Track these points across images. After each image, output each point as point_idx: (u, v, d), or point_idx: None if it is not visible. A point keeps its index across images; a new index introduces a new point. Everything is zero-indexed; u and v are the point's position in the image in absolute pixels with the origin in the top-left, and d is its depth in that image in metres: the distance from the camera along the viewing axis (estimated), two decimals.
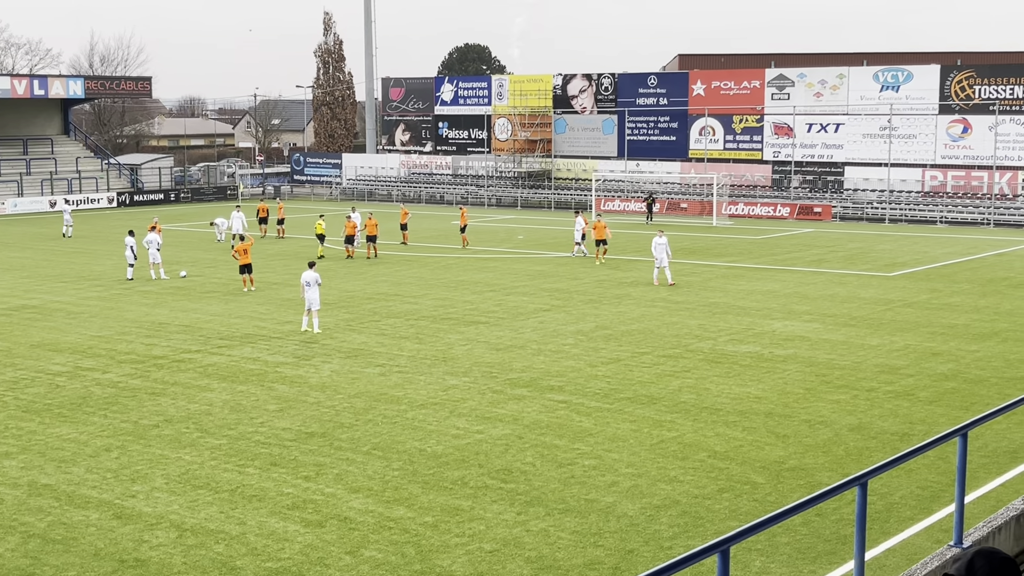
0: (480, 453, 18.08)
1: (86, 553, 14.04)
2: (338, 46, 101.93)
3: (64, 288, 37.51)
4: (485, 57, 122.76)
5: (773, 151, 68.74)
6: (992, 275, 38.90)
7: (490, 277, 39.09)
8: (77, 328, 29.96)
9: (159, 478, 16.96)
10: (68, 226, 55.77)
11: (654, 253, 36.98)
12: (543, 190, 75.04)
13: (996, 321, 29.80)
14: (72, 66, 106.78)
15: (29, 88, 77.02)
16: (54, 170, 77.73)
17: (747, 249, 47.80)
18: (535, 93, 77.75)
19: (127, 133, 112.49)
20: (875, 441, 18.68)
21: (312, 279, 28.76)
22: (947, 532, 13.59)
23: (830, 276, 38.88)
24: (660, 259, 36.70)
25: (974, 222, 59.28)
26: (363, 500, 15.85)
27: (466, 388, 22.62)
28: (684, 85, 72.25)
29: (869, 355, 25.55)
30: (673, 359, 25.25)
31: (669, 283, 36.38)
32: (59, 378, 23.97)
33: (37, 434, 19.54)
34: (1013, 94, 60.97)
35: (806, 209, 62.71)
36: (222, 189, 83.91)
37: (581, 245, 44.91)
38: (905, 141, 63.95)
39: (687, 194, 68.90)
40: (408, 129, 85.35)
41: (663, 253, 36.67)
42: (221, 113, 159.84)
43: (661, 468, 17.22)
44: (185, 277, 39.49)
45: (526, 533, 14.53)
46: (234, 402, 21.65)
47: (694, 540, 14.07)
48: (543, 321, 30.21)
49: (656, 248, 36.89)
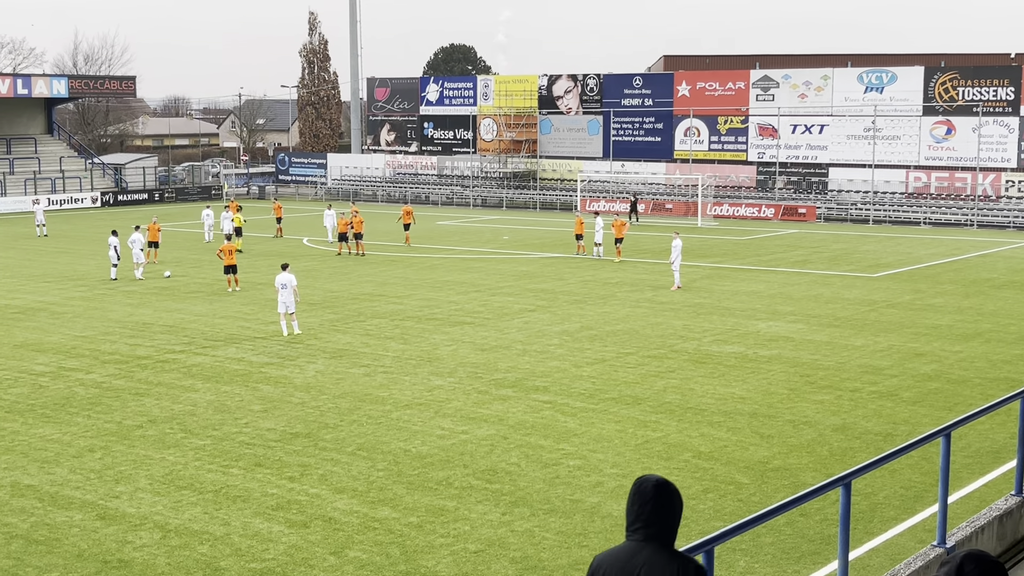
0: (465, 454, 18.07)
1: (69, 554, 13.98)
2: (323, 46, 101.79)
3: (48, 288, 37.35)
4: (471, 57, 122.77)
5: (758, 152, 68.93)
6: (975, 276, 39.08)
7: (475, 278, 39.08)
8: (60, 328, 29.84)
9: (143, 479, 16.90)
10: (41, 225, 55.53)
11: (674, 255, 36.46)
12: (528, 191, 75.08)
13: (979, 322, 29.94)
14: (56, 65, 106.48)
15: (12, 87, 76.68)
16: (37, 170, 77.41)
17: (732, 250, 47.90)
18: (520, 93, 77.79)
19: (111, 133, 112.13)
20: (859, 441, 18.74)
21: (287, 281, 28.32)
22: (930, 532, 13.64)
23: (814, 277, 39.00)
24: (674, 260, 36.29)
25: (958, 223, 59.53)
26: (348, 501, 15.82)
27: (451, 388, 22.61)
28: (669, 86, 72.39)
29: (853, 356, 25.64)
30: (658, 359, 25.28)
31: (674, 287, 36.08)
32: (42, 378, 23.87)
33: (20, 434, 19.45)
34: (996, 96, 61.27)
35: (791, 210, 62.89)
36: (207, 189, 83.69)
37: (600, 247, 44.71)
38: (889, 142, 64.20)
39: (672, 195, 69.03)
40: (393, 129, 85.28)
41: (676, 255, 36.22)
42: (206, 113, 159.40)
43: (646, 468, 17.23)
44: (169, 277, 39.37)
45: (511, 533, 14.53)
46: (218, 402, 21.59)
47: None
48: (528, 321, 30.21)
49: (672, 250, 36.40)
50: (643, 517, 5.68)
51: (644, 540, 5.67)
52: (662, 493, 5.68)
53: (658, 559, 5.63)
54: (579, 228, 45.61)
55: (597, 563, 5.84)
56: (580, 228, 45.59)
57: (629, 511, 5.74)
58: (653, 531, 5.67)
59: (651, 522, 5.67)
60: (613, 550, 5.80)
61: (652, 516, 5.67)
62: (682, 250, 36.83)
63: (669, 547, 5.71)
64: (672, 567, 5.61)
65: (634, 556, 5.67)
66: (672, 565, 5.62)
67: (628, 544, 5.73)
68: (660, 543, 5.68)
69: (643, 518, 5.68)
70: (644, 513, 5.67)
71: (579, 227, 45.63)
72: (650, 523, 5.67)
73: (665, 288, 36.01)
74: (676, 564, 5.63)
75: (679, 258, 36.26)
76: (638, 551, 5.66)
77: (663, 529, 5.69)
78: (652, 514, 5.67)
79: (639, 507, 5.68)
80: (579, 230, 45.56)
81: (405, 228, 50.32)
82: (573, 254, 45.36)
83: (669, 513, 5.71)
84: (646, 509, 5.67)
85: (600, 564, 5.81)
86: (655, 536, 5.67)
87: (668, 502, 5.70)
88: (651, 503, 5.67)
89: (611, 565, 5.74)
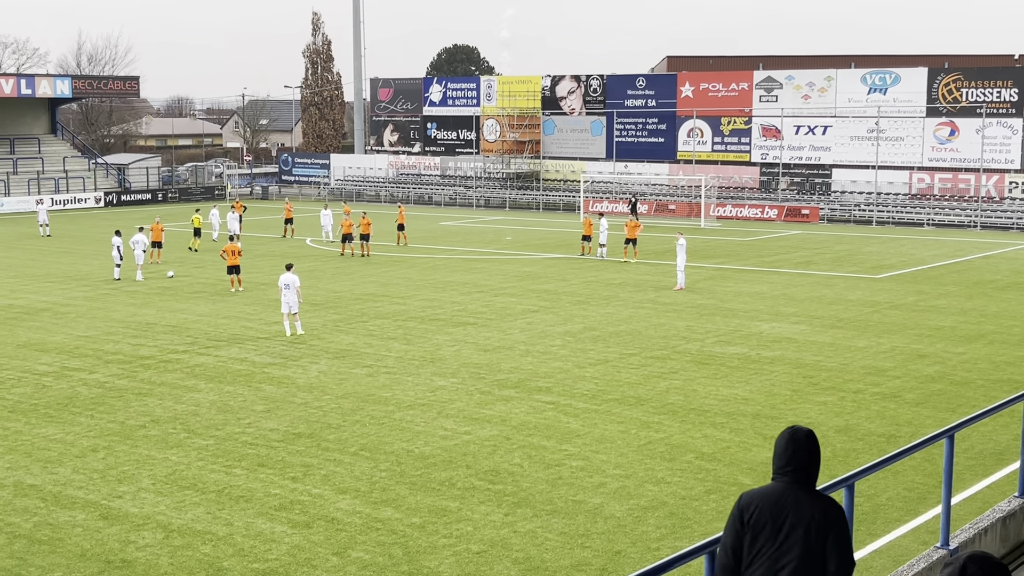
0: (468, 454, 18.07)
1: (72, 554, 13.99)
2: (326, 46, 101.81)
3: (51, 288, 37.39)
4: (474, 58, 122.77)
5: (761, 153, 68.89)
6: (979, 277, 39.04)
7: (478, 278, 39.09)
8: (64, 328, 29.86)
9: (146, 479, 16.91)
10: (44, 225, 55.63)
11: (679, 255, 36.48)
12: (531, 191, 75.08)
13: (983, 323, 29.91)
14: (60, 65, 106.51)
15: (16, 87, 76.74)
16: (41, 170, 77.48)
17: (735, 251, 47.89)
18: (524, 94, 77.79)
19: (114, 133, 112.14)
20: (862, 443, 18.73)
21: (291, 281, 28.44)
22: (933, 534, 13.63)
23: (817, 278, 38.98)
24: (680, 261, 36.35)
25: (961, 224, 59.48)
26: (350, 501, 15.83)
27: (454, 389, 22.61)
28: (672, 87, 72.37)
29: (856, 357, 25.62)
30: (661, 360, 25.27)
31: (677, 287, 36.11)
32: (45, 378, 23.89)
33: (23, 434, 19.47)
34: (1000, 97, 61.21)
35: (794, 211, 62.86)
36: (210, 189, 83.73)
37: (604, 248, 44.74)
38: (892, 143, 64.15)
39: (675, 196, 69.01)
40: (396, 130, 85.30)
41: (681, 255, 36.23)
42: (209, 113, 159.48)
43: (648, 469, 17.24)
44: (172, 277, 39.39)
45: (513, 534, 14.53)
46: (221, 403, 21.61)
47: (681, 541, 14.09)
48: (531, 322, 30.21)
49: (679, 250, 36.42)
50: (794, 461, 6.51)
51: (793, 481, 6.51)
52: (812, 442, 6.57)
53: (805, 497, 6.47)
54: (587, 229, 45.66)
55: (747, 499, 6.58)
56: (588, 229, 45.63)
57: (780, 456, 6.54)
58: (802, 475, 6.51)
59: (800, 466, 6.51)
60: (762, 489, 6.61)
61: (802, 461, 6.51)
62: (687, 250, 36.83)
63: (813, 488, 6.58)
64: (817, 504, 6.47)
65: (783, 495, 6.48)
66: (817, 503, 6.48)
67: (777, 484, 6.55)
68: (806, 484, 6.53)
69: (794, 462, 6.51)
70: (795, 458, 6.51)
71: (587, 228, 45.69)
72: (800, 467, 6.51)
73: (668, 289, 36.00)
74: (820, 502, 6.50)
75: (682, 257, 36.24)
76: (786, 490, 6.49)
77: (810, 473, 6.55)
78: (803, 459, 6.51)
79: (792, 453, 6.51)
80: (587, 231, 45.62)
81: (399, 228, 50.40)
82: (579, 255, 45.37)
83: (815, 459, 6.57)
84: (798, 455, 6.51)
85: (751, 501, 6.56)
86: (803, 479, 6.52)
87: (816, 450, 6.58)
88: (803, 450, 6.52)
89: (763, 501, 6.53)
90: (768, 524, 6.42)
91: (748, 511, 6.51)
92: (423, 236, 53.60)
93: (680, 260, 36.18)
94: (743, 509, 6.53)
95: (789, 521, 6.39)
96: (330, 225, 52.40)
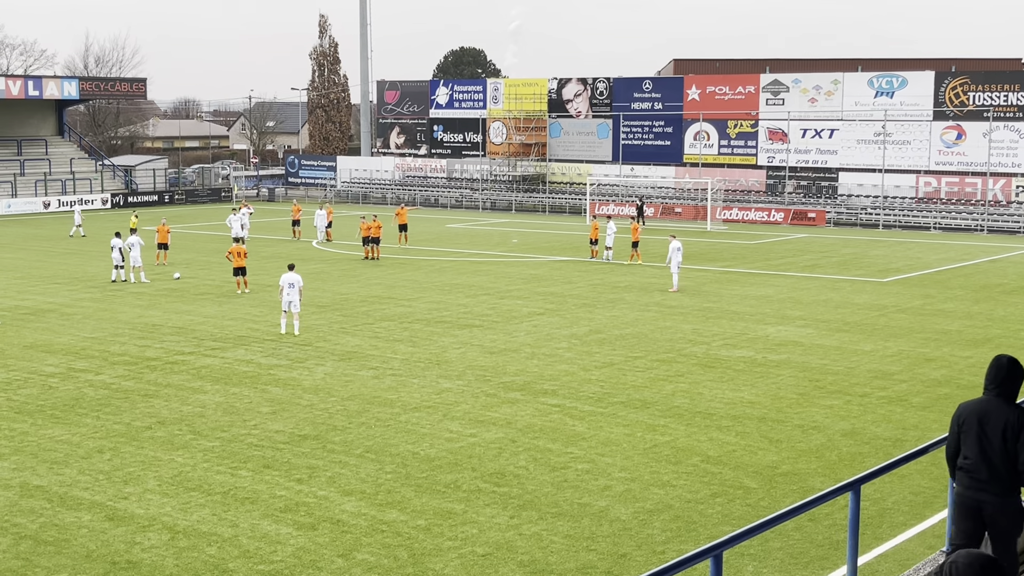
0: (473, 457, 18.06)
1: (78, 555, 14.01)
2: (333, 49, 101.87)
3: (57, 289, 37.44)
4: (480, 60, 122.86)
5: (767, 156, 68.85)
6: (985, 281, 38.97)
7: (484, 281, 39.09)
8: (70, 329, 29.91)
9: (151, 480, 16.92)
10: (78, 226, 56.01)
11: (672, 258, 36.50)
12: (538, 194, 75.09)
13: (989, 327, 29.86)
14: (67, 67, 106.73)
15: (23, 89, 76.90)
16: (48, 171, 77.64)
17: (741, 254, 47.84)
18: (530, 97, 77.81)
19: (121, 134, 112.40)
20: (868, 446, 18.69)
21: (295, 281, 28.63)
22: (940, 538, 13.62)
23: (824, 281, 38.93)
24: (673, 263, 36.30)
25: (968, 228, 59.39)
26: (356, 503, 15.83)
27: (459, 391, 22.61)
28: (679, 90, 72.34)
29: (862, 360, 25.58)
30: (667, 363, 25.25)
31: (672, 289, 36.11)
32: (52, 379, 23.92)
33: (29, 435, 19.50)
34: (1007, 101, 61.13)
35: (800, 214, 62.81)
36: (216, 191, 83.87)
37: (610, 251, 44.86)
38: (899, 147, 64.08)
39: (681, 199, 68.98)
40: (403, 132, 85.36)
41: (675, 257, 36.22)
42: (216, 115, 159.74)
43: (654, 472, 17.22)
44: (179, 279, 39.43)
45: (519, 537, 14.52)
46: (227, 404, 21.62)
47: (687, 545, 14.08)
48: (537, 325, 30.21)
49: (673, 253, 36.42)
50: (997, 380, 8.88)
51: (996, 395, 8.89)
52: (1014, 367, 8.88)
53: (1004, 407, 8.87)
54: (595, 233, 45.61)
55: (961, 409, 9.05)
56: (595, 233, 45.58)
57: (988, 376, 8.95)
58: (1004, 390, 8.89)
59: (1002, 385, 8.89)
60: (973, 401, 9.06)
61: (1004, 380, 8.88)
62: (682, 252, 36.78)
63: (1012, 401, 8.89)
64: (1013, 412, 8.81)
65: (987, 404, 8.92)
66: (1013, 411, 8.82)
67: (984, 397, 8.98)
68: (1007, 398, 8.89)
69: (997, 381, 8.88)
70: (999, 378, 8.87)
71: (595, 232, 45.64)
72: (1002, 385, 8.89)
73: (672, 292, 35.95)
74: (1016, 411, 8.82)
75: (676, 259, 36.18)
76: (989, 401, 8.92)
77: (1011, 389, 8.90)
78: (1004, 379, 8.88)
79: (995, 373, 8.89)
80: (595, 235, 45.59)
81: (401, 229, 50.49)
82: (588, 258, 45.36)
83: (1015, 380, 8.89)
84: (1000, 375, 8.87)
85: (963, 411, 9.03)
86: (1004, 393, 8.90)
87: (1017, 373, 8.89)
88: (1005, 371, 8.86)
89: (971, 410, 8.98)
90: (975, 426, 8.83)
91: (961, 417, 8.98)
92: (429, 238, 53.63)
93: (674, 262, 36.16)
94: (958, 416, 9.01)
95: (992, 423, 8.76)
96: (324, 225, 52.93)
